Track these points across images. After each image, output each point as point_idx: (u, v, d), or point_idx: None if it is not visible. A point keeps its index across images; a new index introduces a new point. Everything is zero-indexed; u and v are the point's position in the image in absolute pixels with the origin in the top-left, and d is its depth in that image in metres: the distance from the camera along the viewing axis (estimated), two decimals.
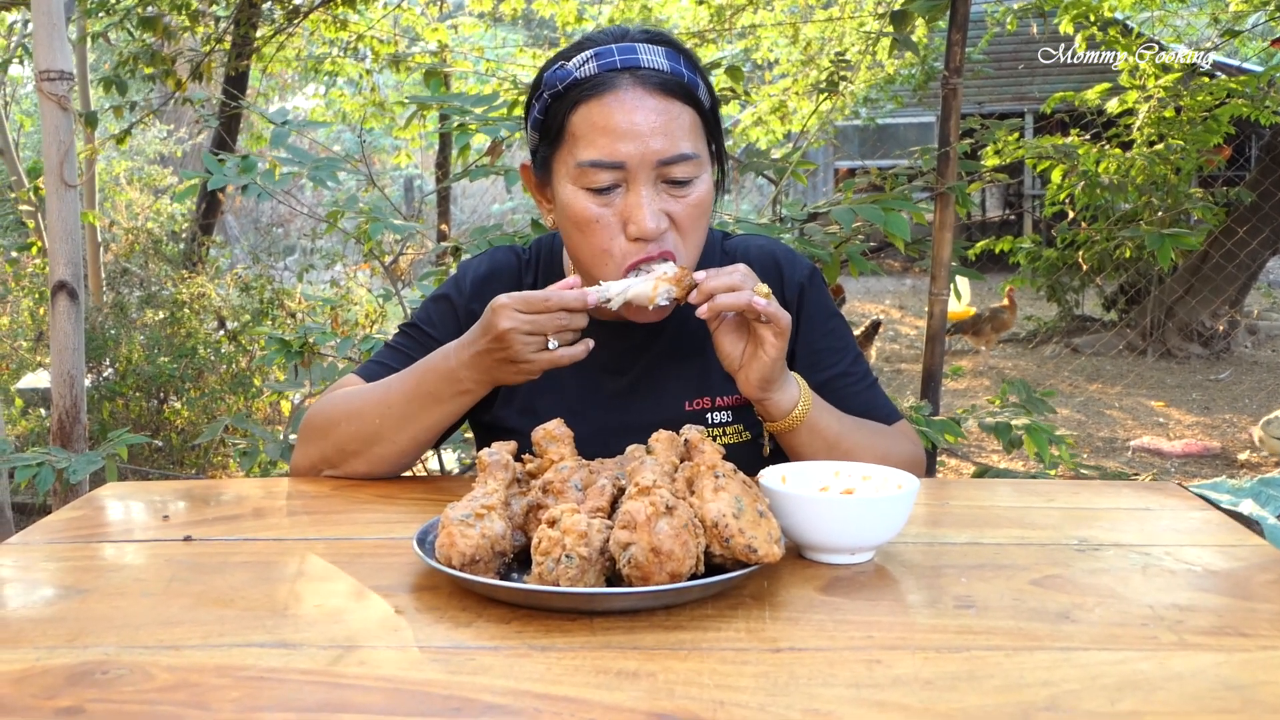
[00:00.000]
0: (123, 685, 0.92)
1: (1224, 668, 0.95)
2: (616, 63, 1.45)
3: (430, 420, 1.56)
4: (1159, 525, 1.41)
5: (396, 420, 1.56)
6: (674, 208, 1.47)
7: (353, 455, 1.60)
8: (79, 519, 1.45)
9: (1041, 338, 10.44)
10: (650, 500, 1.07)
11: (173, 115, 13.55)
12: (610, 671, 0.94)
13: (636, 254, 1.47)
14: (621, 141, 1.43)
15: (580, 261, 1.54)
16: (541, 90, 1.51)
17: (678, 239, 1.49)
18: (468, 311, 1.68)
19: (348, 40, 7.08)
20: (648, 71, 1.45)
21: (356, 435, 1.58)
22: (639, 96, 1.44)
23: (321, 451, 1.62)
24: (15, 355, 6.45)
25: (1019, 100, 15.00)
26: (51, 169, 3.07)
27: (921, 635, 1.02)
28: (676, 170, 1.46)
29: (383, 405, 1.56)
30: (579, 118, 1.46)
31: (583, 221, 1.48)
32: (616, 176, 1.45)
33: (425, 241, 5.92)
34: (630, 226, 1.46)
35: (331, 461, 1.62)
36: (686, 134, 1.46)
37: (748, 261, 1.69)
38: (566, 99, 1.47)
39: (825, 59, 7.73)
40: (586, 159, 1.45)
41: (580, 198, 1.47)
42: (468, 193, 17.15)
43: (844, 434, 1.54)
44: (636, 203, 1.45)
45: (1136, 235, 4.02)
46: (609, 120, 1.44)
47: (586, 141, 1.45)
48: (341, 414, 1.60)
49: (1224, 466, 6.11)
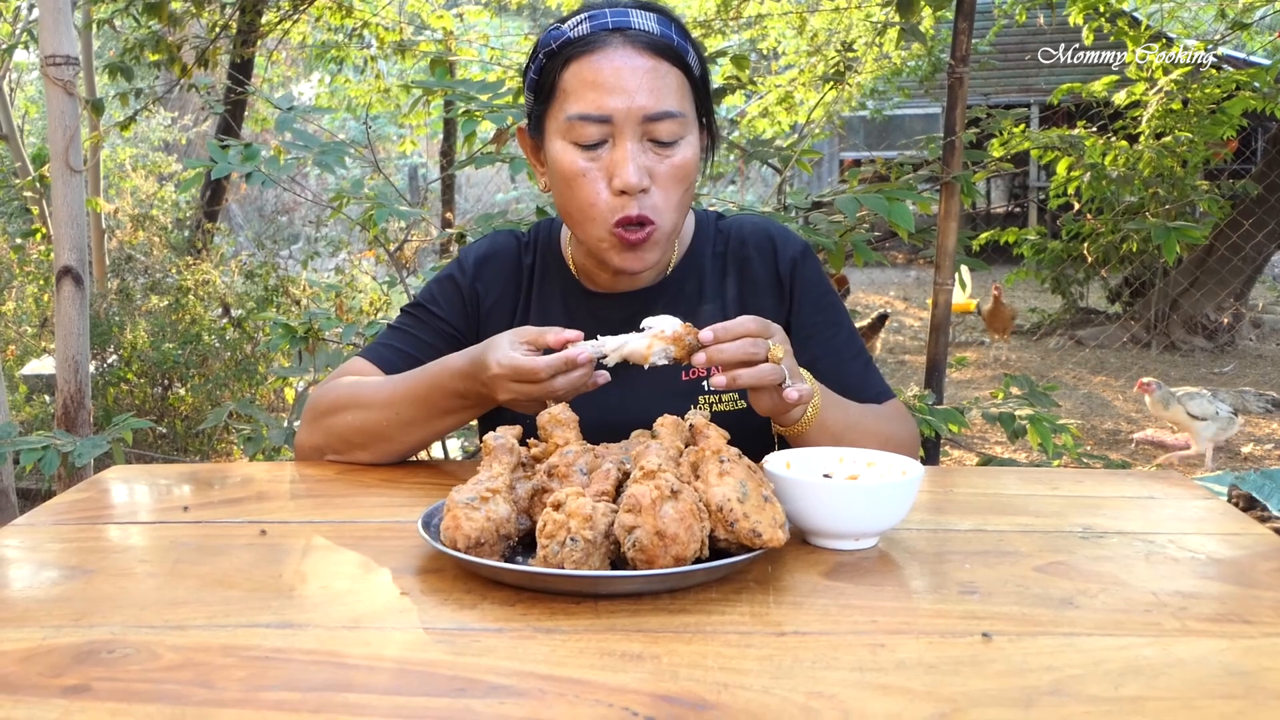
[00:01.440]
0: (129, 664, 0.92)
1: (1227, 654, 0.95)
2: (608, 23, 1.50)
3: (437, 428, 1.59)
4: (1163, 513, 1.41)
5: (403, 424, 1.57)
6: (658, 167, 1.50)
7: (357, 447, 1.62)
8: (84, 501, 1.45)
9: (1045, 330, 10.43)
10: (655, 484, 1.07)
11: (178, 102, 13.55)
12: (615, 654, 0.94)
13: (621, 209, 1.50)
14: (609, 96, 1.47)
15: (569, 217, 1.57)
16: (537, 51, 1.56)
17: (660, 198, 1.51)
18: (471, 291, 1.72)
19: (353, 27, 7.07)
20: (637, 32, 1.50)
21: (361, 429, 1.60)
22: (628, 54, 1.48)
23: (325, 438, 1.64)
24: (20, 341, 6.46)
25: (1025, 92, 14.99)
26: (57, 154, 3.07)
27: (925, 620, 1.02)
28: (662, 129, 1.49)
29: (389, 408, 1.57)
30: (570, 74, 1.50)
31: (570, 175, 1.51)
32: (604, 131, 1.49)
33: (430, 229, 5.92)
34: (615, 179, 1.49)
35: (335, 449, 1.64)
36: (673, 93, 1.50)
37: (742, 239, 1.72)
38: (559, 57, 1.52)
39: (832, 50, 7.71)
40: (575, 112, 1.49)
41: (569, 152, 1.51)
42: (472, 181, 17.16)
43: (850, 426, 1.53)
44: (621, 156, 1.48)
45: (1142, 227, 4.02)
46: (598, 75, 1.48)
47: (576, 96, 1.49)
48: (347, 405, 1.61)
49: (1226, 460, 6.11)
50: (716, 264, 1.72)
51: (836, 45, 7.83)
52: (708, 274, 1.70)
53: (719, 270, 1.71)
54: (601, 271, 1.67)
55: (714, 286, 1.70)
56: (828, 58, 7.05)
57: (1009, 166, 3.86)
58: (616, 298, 1.67)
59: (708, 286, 1.70)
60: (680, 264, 1.70)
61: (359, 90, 8.14)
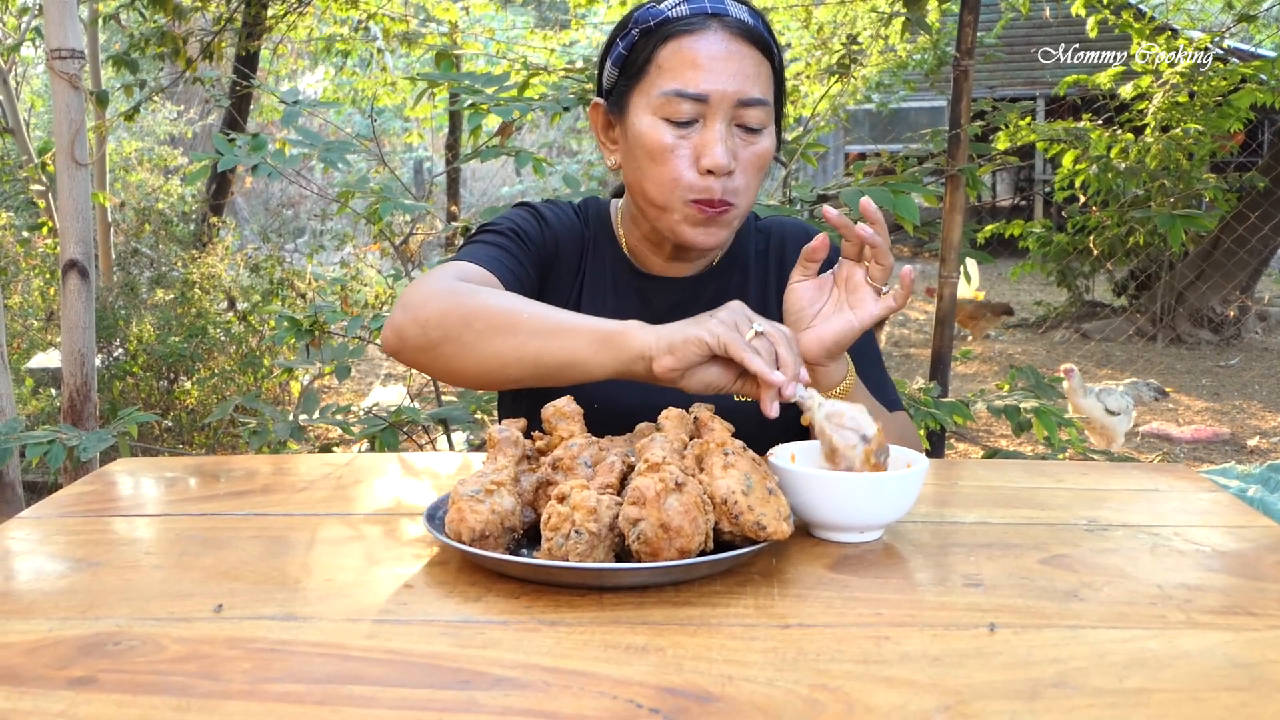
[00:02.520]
0: (134, 656, 0.92)
1: (1232, 646, 0.95)
2: (706, 8, 1.52)
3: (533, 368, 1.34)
4: (1168, 506, 1.41)
5: (522, 341, 1.33)
6: (742, 152, 1.52)
7: (458, 338, 1.36)
8: (90, 494, 1.46)
9: (1051, 323, 10.42)
10: (660, 477, 1.07)
11: (183, 96, 13.56)
12: (619, 646, 0.94)
13: (703, 190, 1.50)
14: (706, 77, 1.49)
15: (643, 193, 1.56)
16: (630, 27, 1.57)
17: (741, 182, 1.53)
18: (552, 236, 1.68)
19: (359, 19, 7.07)
20: (734, 20, 1.52)
21: (486, 316, 1.36)
22: (726, 39, 1.50)
23: (439, 318, 1.37)
24: (26, 334, 6.47)
25: (1030, 85, 14.96)
26: (63, 148, 3.08)
27: (930, 613, 1.02)
28: (751, 115, 1.51)
29: (533, 317, 1.34)
30: (668, 51, 1.51)
31: (657, 150, 1.52)
32: (697, 110, 1.50)
33: (435, 222, 5.92)
34: (703, 159, 1.49)
35: (445, 329, 1.37)
36: (763, 82, 1.53)
37: (783, 236, 1.76)
38: (656, 34, 1.53)
39: (837, 42, 7.70)
40: (672, 88, 1.50)
41: (659, 127, 1.52)
42: (477, 175, 17.16)
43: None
44: (712, 137, 1.49)
45: (1148, 216, 4.01)
46: (697, 56, 1.50)
47: (673, 74, 1.51)
48: (482, 289, 1.41)
49: (1233, 452, 6.10)
50: (759, 260, 1.75)
51: (842, 38, 7.82)
52: (751, 269, 1.74)
53: (761, 266, 1.75)
54: (655, 254, 1.68)
55: (756, 280, 1.74)
56: (833, 50, 7.04)
57: (1014, 160, 3.85)
58: (665, 281, 1.69)
59: (751, 281, 1.73)
60: (724, 258, 1.73)
61: (365, 83, 8.15)
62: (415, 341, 1.39)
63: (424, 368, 1.43)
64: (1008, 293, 12.19)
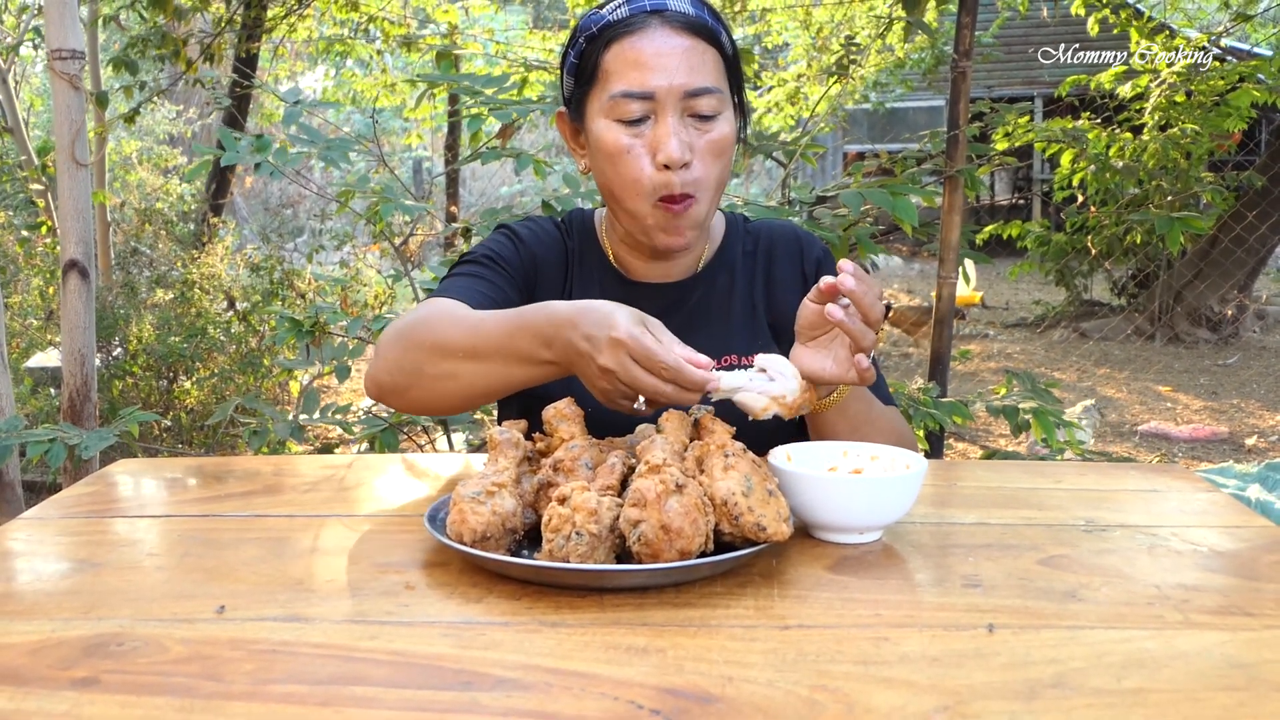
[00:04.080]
0: (137, 657, 0.93)
1: (1229, 646, 0.96)
2: (645, 6, 1.55)
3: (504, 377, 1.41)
4: (1166, 506, 1.42)
5: (476, 362, 1.41)
6: (698, 141, 1.54)
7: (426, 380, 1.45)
8: (92, 494, 1.46)
9: (1049, 322, 10.42)
10: (660, 478, 1.08)
11: (182, 96, 13.55)
12: (620, 647, 0.95)
13: (665, 187, 1.52)
14: (651, 74, 1.51)
15: (612, 196, 1.59)
16: (577, 35, 1.60)
17: (700, 171, 1.53)
18: (530, 256, 1.71)
19: (359, 21, 7.08)
20: (674, 13, 1.54)
21: (439, 348, 1.43)
22: (666, 34, 1.53)
23: (398, 361, 1.47)
24: (26, 334, 6.47)
25: (1029, 84, 14.97)
26: (63, 148, 3.08)
27: (929, 613, 1.03)
28: (702, 103, 1.52)
29: (474, 335, 1.41)
30: (611, 55, 1.54)
31: (614, 152, 1.54)
32: (646, 107, 1.52)
33: (435, 223, 5.92)
34: (659, 154, 1.51)
35: (407, 372, 1.46)
36: (710, 70, 1.54)
37: (771, 239, 1.77)
38: (600, 39, 1.56)
39: (836, 43, 7.70)
40: (619, 90, 1.52)
41: (613, 129, 1.54)
42: (477, 175, 17.15)
43: (869, 420, 1.55)
44: (665, 132, 1.51)
45: (1146, 218, 4.02)
46: (639, 55, 1.52)
47: (619, 76, 1.53)
48: (432, 323, 1.46)
49: (1231, 452, 6.11)
50: (747, 262, 1.76)
51: (840, 39, 7.82)
52: (738, 271, 1.75)
53: (749, 268, 1.76)
54: (638, 258, 1.70)
55: (744, 283, 1.74)
56: (832, 51, 7.04)
57: (1012, 161, 3.84)
58: (653, 288, 1.70)
59: (738, 282, 1.74)
60: (712, 260, 1.74)
61: (365, 85, 8.15)
62: (390, 387, 1.49)
63: (407, 409, 1.53)
64: (1006, 292, 12.20)
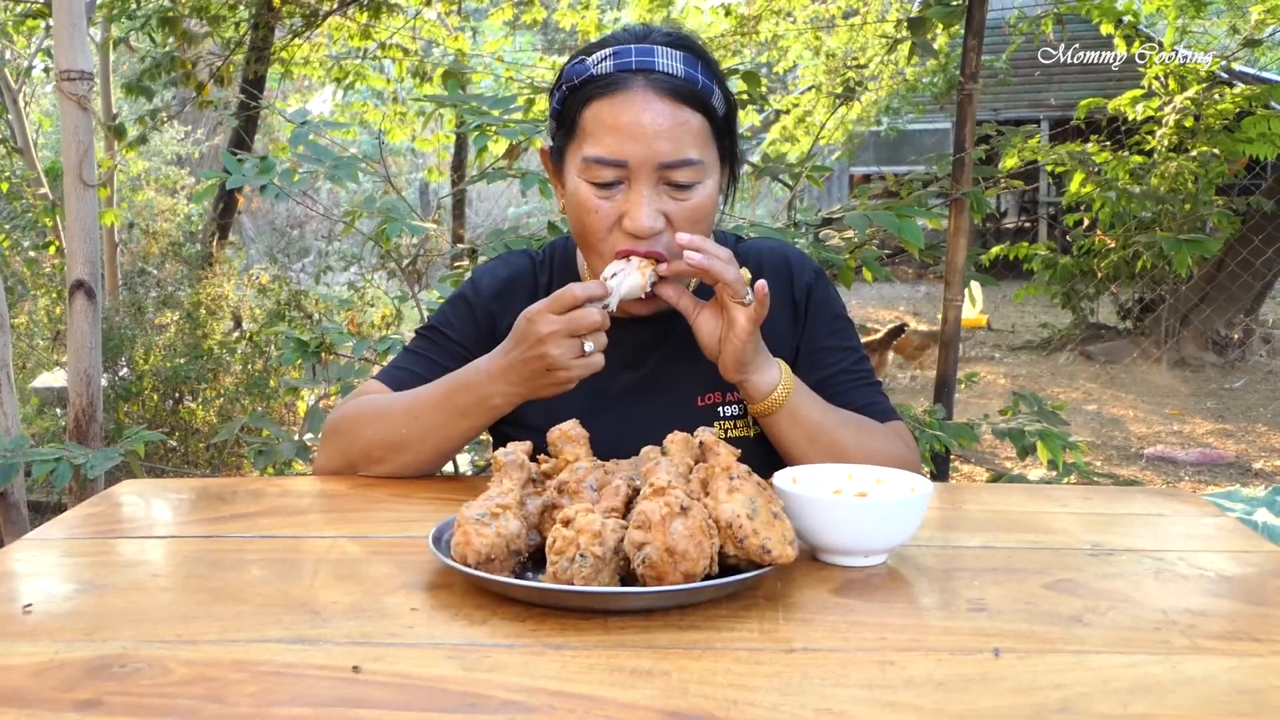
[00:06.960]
0: (140, 679, 0.93)
1: (1236, 672, 0.95)
2: (632, 64, 1.49)
3: (456, 432, 1.59)
4: (1172, 530, 1.41)
5: (423, 431, 1.57)
6: (672, 208, 1.51)
7: (376, 461, 1.62)
8: (97, 515, 1.46)
9: (1056, 345, 10.41)
10: (665, 501, 1.08)
11: (190, 116, 13.60)
12: (624, 670, 0.94)
13: (628, 243, 1.52)
14: (626, 141, 1.47)
15: (582, 242, 1.60)
16: (561, 82, 1.57)
17: (672, 240, 1.50)
18: (486, 312, 1.72)
19: (369, 49, 7.11)
20: (661, 76, 1.48)
21: (382, 443, 1.60)
22: (648, 99, 1.47)
23: (346, 456, 1.64)
24: (32, 354, 6.48)
25: (1035, 107, 14.98)
26: (70, 168, 3.09)
27: (934, 637, 1.03)
28: (679, 174, 1.49)
29: (409, 415, 1.58)
30: (590, 114, 1.50)
31: (583, 211, 1.53)
32: (619, 174, 1.49)
33: (441, 244, 5.94)
34: (625, 221, 1.50)
35: (355, 465, 1.64)
36: (693, 139, 1.50)
37: (759, 262, 1.73)
38: (581, 94, 1.51)
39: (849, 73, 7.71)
40: (592, 154, 1.49)
41: (584, 189, 1.52)
42: (483, 196, 17.19)
43: (826, 426, 1.55)
44: (636, 200, 1.49)
45: (1153, 241, 4.02)
46: (617, 119, 1.48)
47: (594, 138, 1.49)
48: (368, 420, 1.62)
49: (1238, 475, 6.09)
50: None
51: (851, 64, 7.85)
52: None
53: None
54: None
55: None
56: (843, 76, 7.06)
57: (1019, 184, 3.85)
58: (635, 321, 1.65)
59: None
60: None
61: (376, 115, 8.18)
62: (340, 468, 1.65)
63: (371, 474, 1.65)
64: (1012, 315, 12.18)
